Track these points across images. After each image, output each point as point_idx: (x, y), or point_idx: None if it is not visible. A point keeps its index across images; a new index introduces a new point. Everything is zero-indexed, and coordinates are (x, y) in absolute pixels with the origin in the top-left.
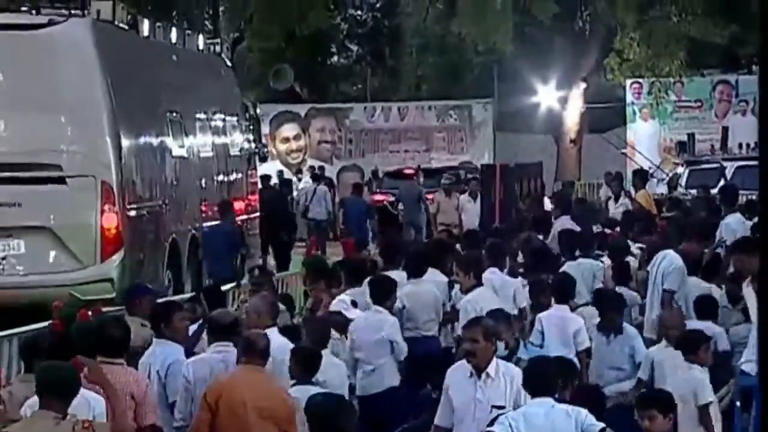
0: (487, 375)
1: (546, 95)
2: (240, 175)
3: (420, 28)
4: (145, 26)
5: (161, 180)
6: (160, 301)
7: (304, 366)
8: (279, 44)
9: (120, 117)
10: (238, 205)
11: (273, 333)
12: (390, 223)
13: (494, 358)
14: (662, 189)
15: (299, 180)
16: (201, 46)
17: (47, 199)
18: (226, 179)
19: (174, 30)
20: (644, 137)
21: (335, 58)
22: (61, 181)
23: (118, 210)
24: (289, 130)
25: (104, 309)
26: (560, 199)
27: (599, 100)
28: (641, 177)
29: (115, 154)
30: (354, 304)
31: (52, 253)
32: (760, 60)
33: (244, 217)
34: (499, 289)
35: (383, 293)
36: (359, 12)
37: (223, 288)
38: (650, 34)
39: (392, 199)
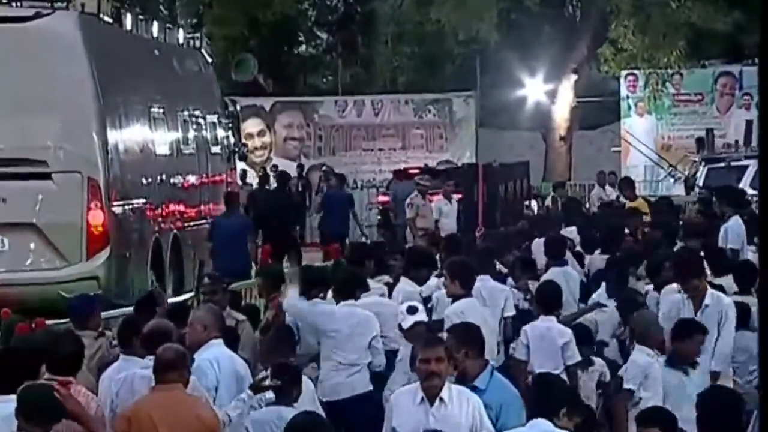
0: (441, 400)
1: (533, 88)
2: (221, 174)
3: (396, 15)
4: (128, 20)
5: (145, 177)
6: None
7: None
8: (241, 32)
9: (107, 112)
10: (217, 203)
11: (219, 345)
12: (391, 225)
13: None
14: (679, 190)
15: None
16: (181, 40)
17: (32, 195)
18: (207, 177)
19: (155, 23)
20: (640, 133)
21: (303, 47)
22: (46, 177)
23: (105, 207)
24: (252, 125)
25: (48, 322)
26: (541, 221)
27: (591, 93)
28: (629, 184)
29: (101, 150)
30: (411, 311)
31: (37, 251)
32: (761, 56)
33: None
34: (488, 298)
35: (349, 289)
36: None
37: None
38: (647, 21)
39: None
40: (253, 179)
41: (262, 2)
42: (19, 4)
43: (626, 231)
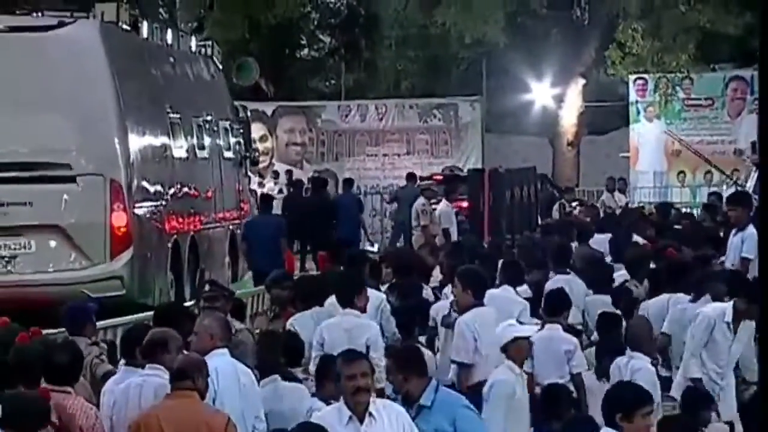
0: (371, 416)
1: (540, 93)
2: (233, 178)
3: (400, 18)
4: (144, 28)
5: (164, 180)
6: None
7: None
8: (243, 35)
9: (127, 117)
10: (231, 209)
11: (223, 355)
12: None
13: None
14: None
15: (260, 186)
16: (193, 48)
17: (57, 198)
18: (221, 182)
19: (170, 31)
20: (649, 139)
21: (305, 50)
22: (70, 180)
23: (127, 208)
24: (254, 130)
25: (45, 332)
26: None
27: (599, 98)
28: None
29: (123, 153)
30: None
31: (63, 251)
32: (761, 56)
33: (237, 222)
34: (502, 310)
35: (348, 294)
36: None
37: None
38: (656, 24)
39: None
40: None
41: (264, 5)
42: (41, 14)
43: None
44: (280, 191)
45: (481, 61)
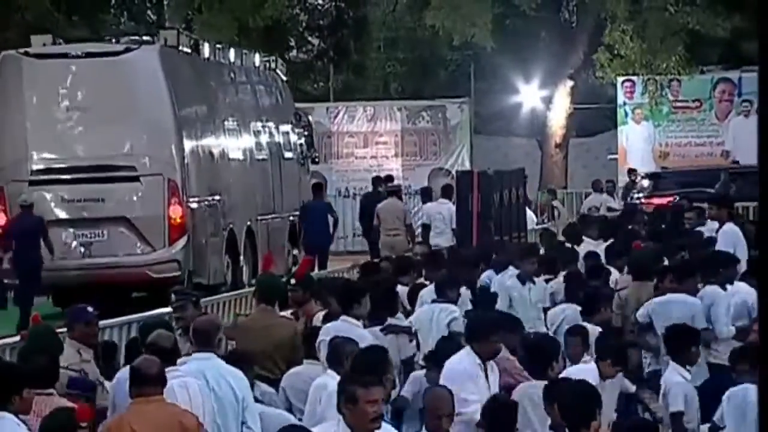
0: None
1: (529, 95)
2: (294, 176)
3: (389, 20)
4: (206, 49)
5: (219, 178)
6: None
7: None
8: (231, 37)
9: (183, 126)
10: (291, 202)
11: (208, 359)
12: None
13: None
14: None
15: None
16: (257, 63)
17: (125, 194)
18: (280, 179)
19: (232, 51)
20: (637, 141)
21: (294, 52)
22: (135, 179)
23: (183, 203)
24: None
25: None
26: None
27: (588, 100)
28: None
29: (179, 156)
30: None
31: (129, 239)
32: (760, 55)
33: (297, 214)
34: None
35: (352, 300)
36: (320, 1)
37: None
38: (644, 26)
39: None
40: None
41: (252, 7)
42: (116, 41)
43: None
44: None
45: (469, 63)
